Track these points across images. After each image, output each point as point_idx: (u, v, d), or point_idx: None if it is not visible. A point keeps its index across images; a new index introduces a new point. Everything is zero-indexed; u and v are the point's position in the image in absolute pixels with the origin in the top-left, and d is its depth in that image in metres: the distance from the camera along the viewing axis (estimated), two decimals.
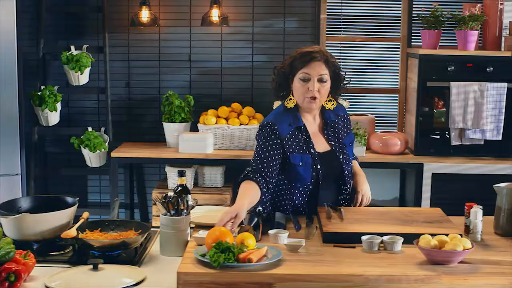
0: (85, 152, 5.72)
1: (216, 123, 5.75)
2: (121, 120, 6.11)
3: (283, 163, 3.57)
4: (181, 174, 3.28)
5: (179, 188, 3.25)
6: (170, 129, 5.79)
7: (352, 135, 3.86)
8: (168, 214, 3.15)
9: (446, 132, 5.55)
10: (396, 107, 6.20)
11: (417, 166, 5.54)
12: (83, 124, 5.99)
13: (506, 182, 3.44)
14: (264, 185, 3.46)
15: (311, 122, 3.69)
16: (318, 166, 3.58)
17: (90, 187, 6.28)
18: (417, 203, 5.54)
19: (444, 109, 5.54)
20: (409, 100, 5.84)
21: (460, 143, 5.53)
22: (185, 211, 3.15)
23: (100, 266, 2.86)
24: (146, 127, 6.16)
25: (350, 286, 2.71)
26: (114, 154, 5.66)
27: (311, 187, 3.60)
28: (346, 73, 3.78)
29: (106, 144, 5.74)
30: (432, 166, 5.51)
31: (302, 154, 3.57)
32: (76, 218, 3.33)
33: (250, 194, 3.37)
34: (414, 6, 5.95)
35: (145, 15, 5.81)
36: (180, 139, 5.59)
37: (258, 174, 3.47)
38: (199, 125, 5.78)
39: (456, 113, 5.44)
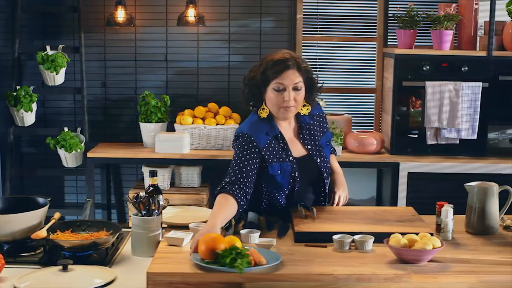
0: (61, 152, 5.70)
1: (192, 123, 5.74)
2: (97, 120, 6.09)
3: (260, 172, 3.51)
4: (153, 174, 3.26)
5: (151, 188, 3.23)
6: (147, 129, 5.78)
7: (329, 134, 3.82)
8: (139, 214, 3.14)
9: (422, 132, 5.57)
10: (373, 106, 6.22)
11: (393, 165, 5.56)
12: (59, 125, 5.97)
13: (481, 181, 3.46)
14: (242, 197, 3.33)
15: (286, 128, 3.64)
16: (296, 174, 3.55)
17: (66, 187, 6.25)
18: (393, 202, 5.56)
19: (420, 109, 5.56)
20: (385, 100, 5.86)
21: (436, 143, 5.55)
22: (156, 211, 3.14)
23: (70, 266, 2.85)
24: (122, 127, 6.14)
25: (320, 286, 2.72)
26: (90, 154, 5.64)
27: (287, 192, 3.58)
28: (323, 73, 3.77)
29: (82, 144, 5.72)
30: (408, 165, 5.53)
31: (281, 163, 3.52)
32: (49, 219, 3.32)
33: (224, 211, 3.21)
34: (390, 6, 5.96)
35: (120, 15, 5.79)
36: (156, 139, 5.58)
37: (236, 186, 3.34)
38: (176, 125, 5.77)
39: (431, 112, 5.46)
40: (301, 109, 3.63)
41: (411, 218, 3.39)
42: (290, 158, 3.55)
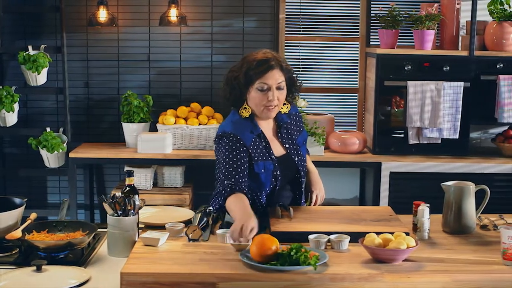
0: (43, 153, 5.68)
1: (175, 123, 5.74)
2: (80, 120, 6.08)
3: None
4: (129, 174, 3.26)
5: (127, 189, 3.23)
6: (129, 129, 5.77)
7: (305, 133, 3.83)
8: (115, 214, 3.14)
9: (404, 131, 5.58)
10: (356, 106, 6.23)
11: (375, 165, 5.57)
12: (41, 125, 5.95)
13: (463, 180, 3.47)
14: (247, 193, 3.37)
15: (266, 128, 3.65)
16: (278, 172, 3.56)
17: (49, 187, 6.24)
18: (376, 201, 5.57)
19: (402, 109, 5.57)
20: (368, 100, 5.86)
21: (418, 142, 5.56)
22: (132, 211, 3.14)
23: (44, 267, 2.85)
24: (105, 127, 6.13)
25: (293, 285, 2.72)
26: (72, 154, 5.63)
27: (268, 191, 3.58)
28: (306, 73, 3.78)
29: (65, 144, 5.70)
30: (390, 165, 5.53)
31: (264, 161, 3.53)
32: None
33: (246, 203, 3.27)
34: (372, 5, 5.97)
35: (102, 15, 5.78)
36: (138, 139, 5.57)
37: (239, 184, 3.37)
38: (158, 125, 5.76)
39: (413, 112, 5.47)
40: (282, 108, 3.64)
41: (388, 218, 3.40)
42: (272, 157, 3.56)
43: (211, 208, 3.48)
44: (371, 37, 6.03)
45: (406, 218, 3.45)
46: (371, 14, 5.95)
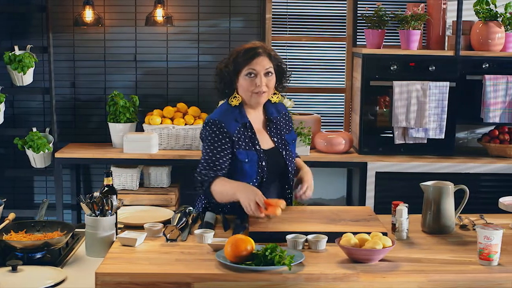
0: (29, 153, 5.68)
1: (161, 123, 5.73)
2: (67, 120, 6.07)
3: (231, 162, 3.56)
4: (108, 174, 3.26)
5: (106, 189, 3.23)
6: (116, 129, 5.76)
7: (294, 134, 3.86)
8: (93, 214, 3.13)
9: (390, 131, 5.58)
10: (343, 106, 6.23)
11: (361, 165, 5.57)
12: (28, 125, 5.94)
13: (449, 180, 3.47)
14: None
15: (255, 119, 3.68)
16: (263, 163, 3.58)
17: (36, 188, 6.23)
18: (362, 201, 5.57)
19: (388, 109, 5.57)
20: (354, 100, 5.86)
21: (404, 142, 5.56)
22: (110, 211, 3.13)
23: (20, 267, 2.85)
24: (92, 127, 6.13)
25: (268, 285, 2.72)
26: (58, 154, 5.62)
27: (256, 184, 3.59)
28: (293, 72, 3.80)
29: (51, 145, 5.70)
30: (376, 165, 5.54)
31: (248, 151, 3.56)
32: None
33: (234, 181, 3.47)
34: (359, 5, 5.96)
35: (88, 15, 5.77)
36: (124, 139, 5.57)
37: (222, 172, 3.51)
38: (144, 125, 5.76)
39: (399, 112, 5.47)
40: (272, 97, 3.68)
41: (367, 218, 3.40)
42: (257, 147, 3.59)
43: (191, 208, 3.50)
44: (357, 37, 6.02)
45: (387, 218, 3.45)
46: (358, 14, 5.94)
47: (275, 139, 3.69)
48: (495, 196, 5.26)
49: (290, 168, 3.69)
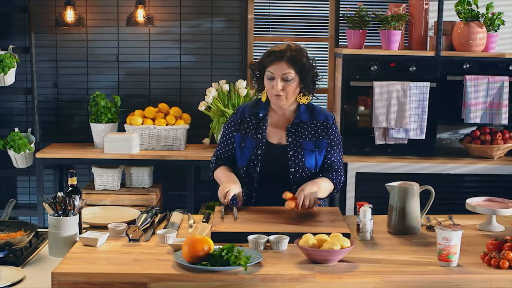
0: (11, 153, 5.69)
1: (142, 124, 5.73)
2: (49, 120, 6.08)
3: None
4: (72, 174, 3.27)
5: (70, 189, 3.23)
6: (97, 130, 5.77)
7: (324, 142, 3.76)
8: (56, 214, 3.14)
9: (371, 132, 5.57)
10: (325, 107, 6.22)
11: None
12: (10, 125, 5.95)
13: (429, 181, 3.47)
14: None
15: (277, 115, 3.77)
16: (259, 152, 3.65)
17: (19, 188, 6.24)
18: (342, 201, 5.56)
19: (369, 109, 5.56)
20: (336, 100, 5.86)
21: (384, 143, 5.56)
22: (72, 211, 3.14)
23: None
24: (75, 127, 6.13)
25: (224, 286, 2.72)
26: (39, 155, 5.62)
27: (250, 171, 3.68)
28: None
29: (32, 145, 5.70)
30: (356, 165, 5.53)
31: (248, 136, 3.71)
32: None
33: (229, 173, 3.71)
34: (341, 6, 5.96)
35: (70, 15, 5.77)
36: (105, 139, 5.57)
37: (226, 161, 3.81)
38: (126, 126, 5.76)
39: (379, 112, 5.46)
40: (300, 98, 3.74)
41: (333, 219, 3.40)
42: (259, 136, 3.70)
43: (158, 208, 3.51)
44: (340, 37, 6.02)
45: (355, 219, 3.44)
46: (340, 15, 5.94)
47: (290, 140, 3.70)
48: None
49: (292, 169, 3.66)
